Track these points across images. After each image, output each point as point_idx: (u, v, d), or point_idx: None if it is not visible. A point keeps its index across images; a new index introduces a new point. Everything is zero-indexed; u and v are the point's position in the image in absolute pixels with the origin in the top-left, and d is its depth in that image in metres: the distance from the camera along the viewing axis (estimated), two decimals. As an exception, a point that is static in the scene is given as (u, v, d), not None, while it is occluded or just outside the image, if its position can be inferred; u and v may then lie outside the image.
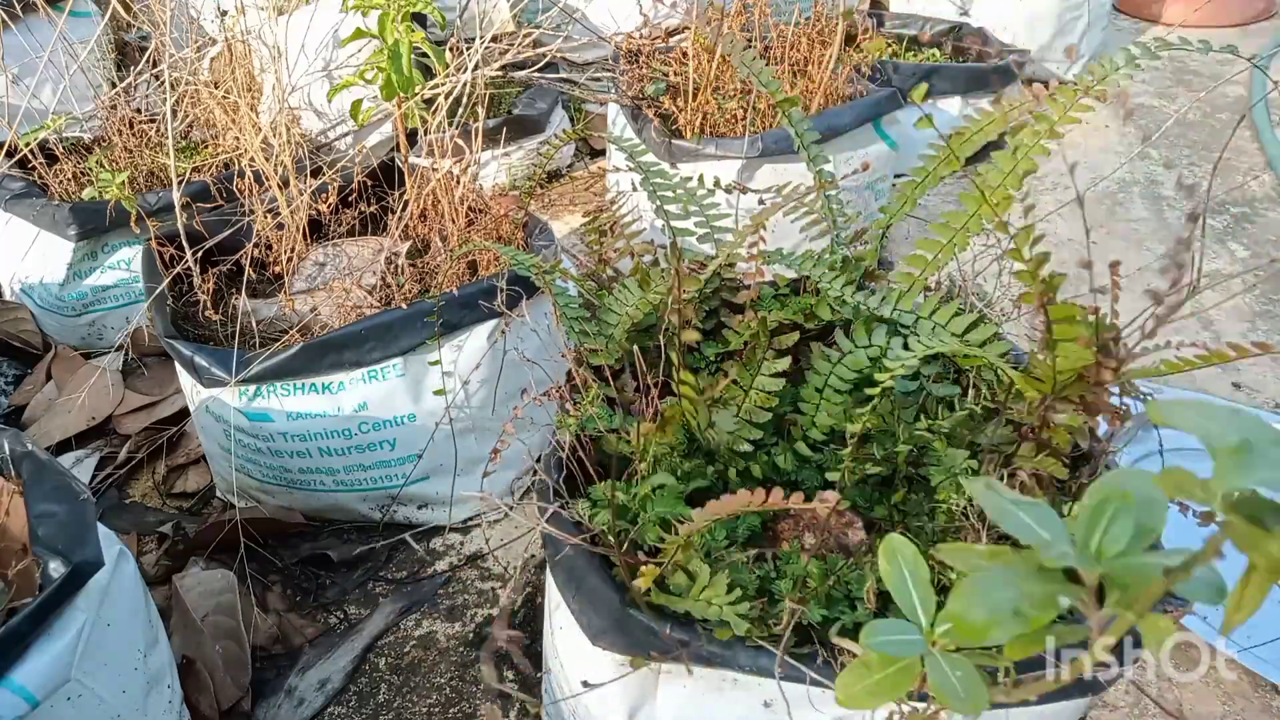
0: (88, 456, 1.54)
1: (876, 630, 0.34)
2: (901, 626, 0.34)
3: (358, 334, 1.22)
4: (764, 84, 1.08)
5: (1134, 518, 0.27)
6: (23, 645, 0.76)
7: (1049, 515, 0.28)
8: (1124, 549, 0.26)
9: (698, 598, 0.72)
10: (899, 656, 0.33)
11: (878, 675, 0.33)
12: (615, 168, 2.04)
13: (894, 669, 0.33)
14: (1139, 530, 0.26)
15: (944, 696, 0.32)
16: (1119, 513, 0.27)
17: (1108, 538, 0.27)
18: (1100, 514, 0.27)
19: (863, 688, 0.34)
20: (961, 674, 0.32)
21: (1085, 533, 0.27)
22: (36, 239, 1.67)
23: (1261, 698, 1.14)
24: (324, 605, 1.31)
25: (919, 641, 0.33)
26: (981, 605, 0.26)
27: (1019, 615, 0.26)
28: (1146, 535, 0.26)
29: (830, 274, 0.89)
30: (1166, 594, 0.73)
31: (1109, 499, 0.27)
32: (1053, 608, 0.26)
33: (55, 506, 0.85)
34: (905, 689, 0.33)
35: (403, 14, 1.29)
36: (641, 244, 1.07)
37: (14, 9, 1.91)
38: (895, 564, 0.36)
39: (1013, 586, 0.26)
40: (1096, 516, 0.27)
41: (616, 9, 2.55)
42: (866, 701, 0.33)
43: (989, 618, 0.26)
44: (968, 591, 0.26)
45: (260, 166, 1.39)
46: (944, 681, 0.32)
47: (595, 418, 0.85)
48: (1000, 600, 0.26)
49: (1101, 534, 0.27)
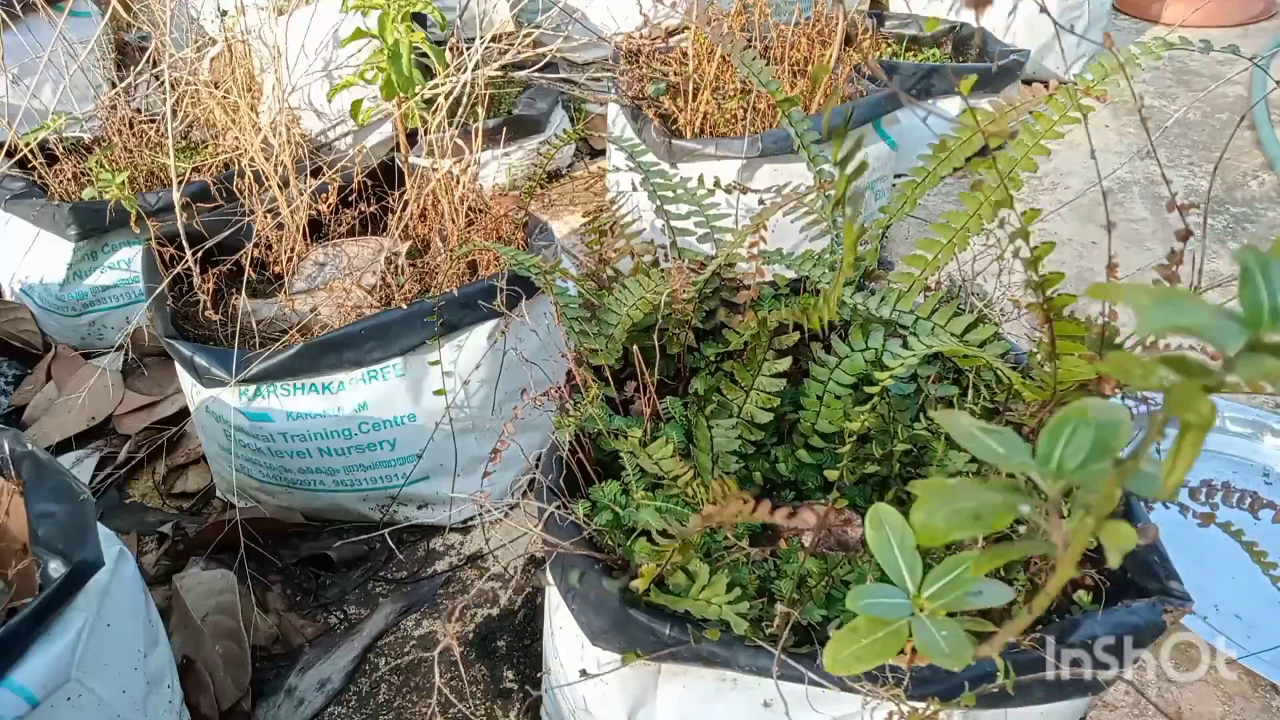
0: (88, 456, 1.54)
1: (864, 594, 0.35)
2: (889, 591, 0.35)
3: (358, 334, 1.22)
4: (764, 84, 1.08)
5: (1092, 433, 0.27)
6: (23, 645, 0.76)
7: (1013, 438, 0.29)
8: (1082, 461, 0.27)
9: (697, 597, 0.72)
10: (887, 620, 0.34)
11: (866, 640, 0.34)
12: (615, 168, 2.05)
13: (882, 633, 0.34)
14: (1097, 444, 0.27)
15: (929, 653, 0.32)
16: (1078, 429, 0.28)
17: (1067, 451, 0.27)
18: (1060, 431, 0.28)
19: (850, 652, 0.34)
20: (947, 632, 0.33)
21: (1046, 448, 0.28)
22: (36, 239, 1.67)
23: (1261, 698, 1.14)
24: (324, 605, 1.31)
25: (905, 605, 0.34)
26: (942, 510, 0.27)
27: (978, 519, 0.26)
28: (1106, 450, 0.27)
29: (830, 274, 0.89)
30: (1163, 593, 0.72)
31: (1069, 417, 0.28)
32: (1011, 512, 0.26)
33: (55, 506, 0.85)
34: (892, 653, 0.34)
35: (403, 14, 1.29)
36: (641, 244, 1.07)
37: (14, 9, 1.91)
38: (882, 531, 0.36)
39: (973, 496, 0.27)
40: (1056, 433, 0.28)
41: (616, 9, 2.55)
42: (854, 665, 0.34)
43: (949, 522, 0.26)
44: (929, 500, 0.27)
45: (260, 166, 1.39)
46: (930, 640, 0.33)
47: (595, 418, 0.85)
48: (961, 507, 0.27)
49: (1061, 448, 0.27)
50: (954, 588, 0.34)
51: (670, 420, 0.91)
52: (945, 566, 0.35)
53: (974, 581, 0.34)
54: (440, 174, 1.41)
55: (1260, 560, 0.74)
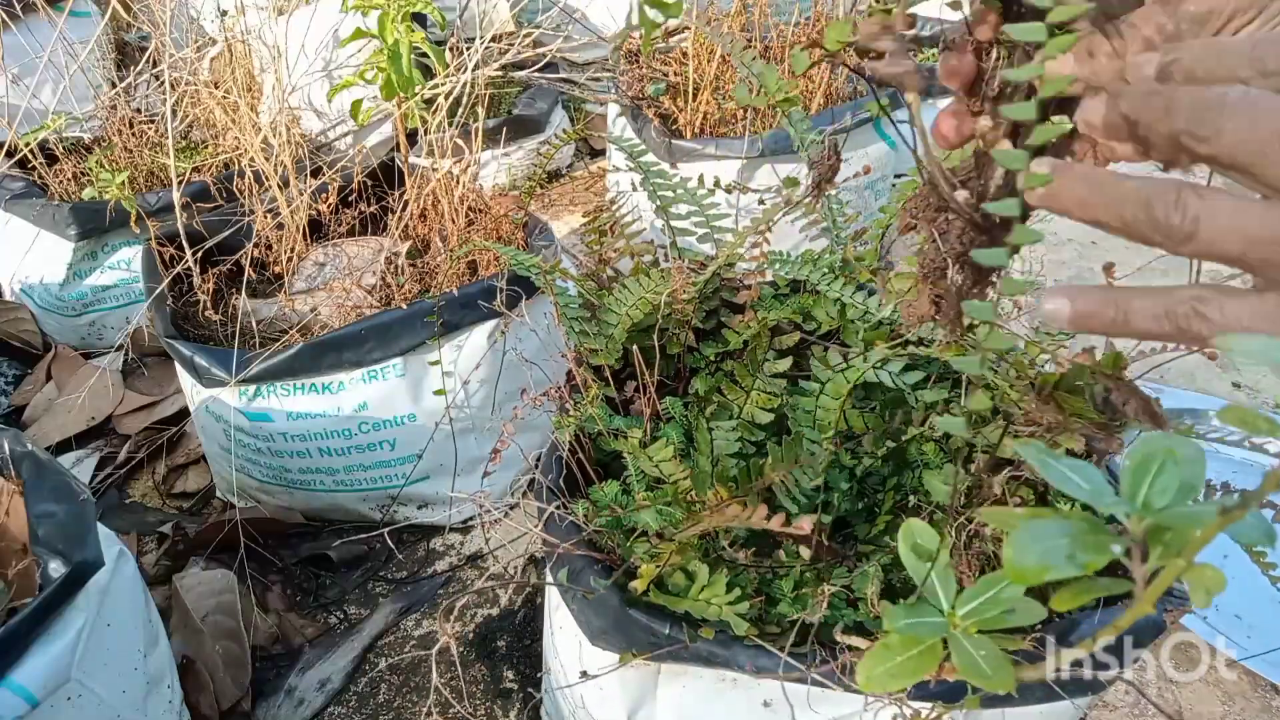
0: (88, 456, 1.54)
1: (900, 613, 0.34)
2: (923, 609, 0.35)
3: (358, 334, 1.22)
4: (765, 84, 1.08)
5: (1179, 472, 0.27)
6: (23, 645, 0.76)
7: (1093, 471, 0.29)
8: (1171, 500, 0.27)
9: (696, 597, 0.72)
10: (921, 638, 0.34)
11: (900, 657, 0.34)
12: (615, 168, 2.05)
13: (917, 651, 0.34)
14: (1184, 484, 0.27)
15: (971, 674, 0.32)
16: (1165, 466, 0.27)
17: (1154, 490, 0.27)
18: (1146, 468, 0.28)
19: (885, 670, 0.34)
20: (986, 653, 0.33)
21: (1131, 485, 0.28)
22: (36, 239, 1.67)
23: (1261, 698, 1.14)
24: (324, 605, 1.31)
25: (941, 623, 0.34)
26: (1034, 550, 0.26)
27: (1072, 559, 0.26)
28: (1190, 490, 0.27)
29: (829, 276, 0.89)
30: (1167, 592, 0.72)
31: (1154, 454, 0.27)
32: (1105, 553, 0.26)
33: (55, 506, 0.85)
34: (927, 671, 0.34)
35: (403, 14, 1.29)
36: (641, 244, 1.07)
37: (14, 9, 1.91)
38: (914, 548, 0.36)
39: (1064, 534, 0.27)
40: (1142, 471, 0.28)
41: (616, 9, 2.55)
42: (889, 684, 0.34)
43: (1041, 562, 0.26)
44: (1020, 538, 0.27)
45: (260, 166, 1.39)
46: (969, 661, 0.32)
47: (595, 418, 0.85)
48: (1053, 546, 0.26)
49: (1148, 487, 0.27)
50: (990, 606, 0.34)
51: (670, 420, 0.91)
52: (982, 585, 0.34)
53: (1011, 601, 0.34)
54: (440, 174, 1.42)
55: (1260, 560, 0.74)
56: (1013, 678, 0.32)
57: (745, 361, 0.90)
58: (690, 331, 0.96)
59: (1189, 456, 0.27)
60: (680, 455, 0.83)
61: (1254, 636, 1.18)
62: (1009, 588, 0.34)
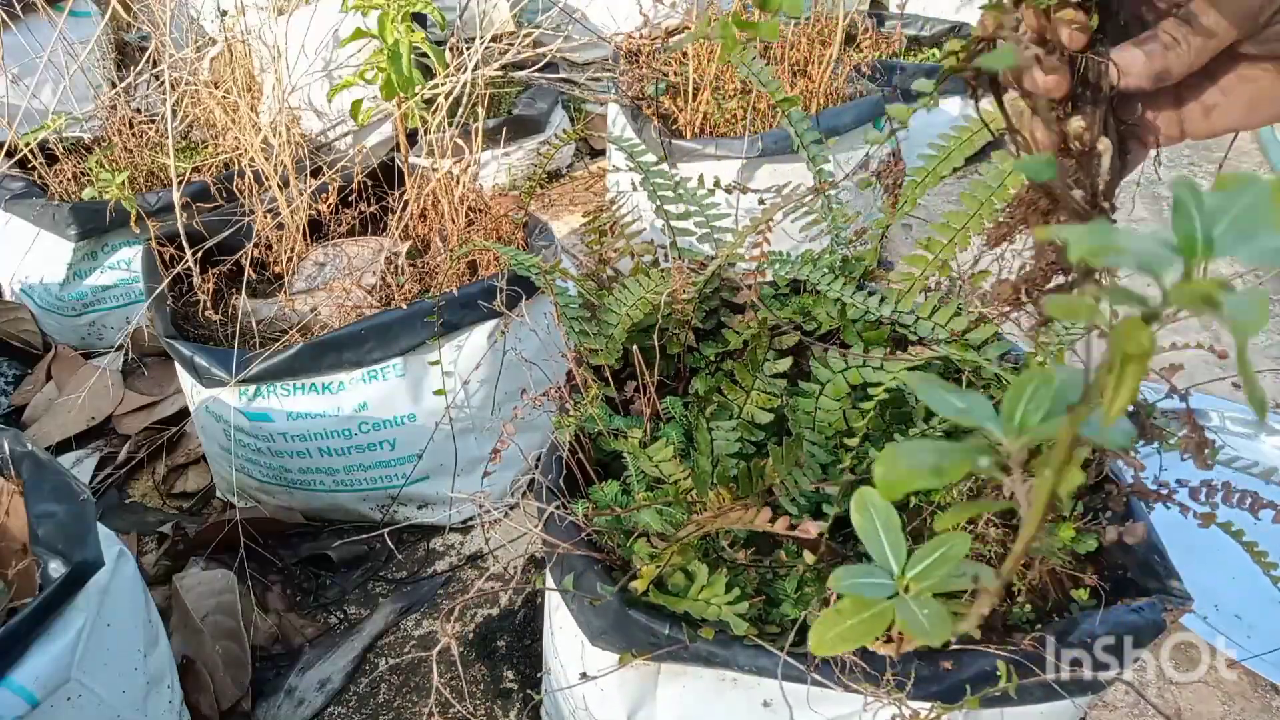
0: (88, 456, 1.54)
1: (848, 574, 0.35)
2: (872, 571, 0.35)
3: (358, 334, 1.22)
4: (764, 84, 1.08)
5: (1053, 392, 0.28)
6: (23, 645, 0.76)
7: (979, 399, 0.30)
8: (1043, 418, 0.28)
9: (696, 597, 0.72)
10: (871, 601, 0.34)
11: (850, 620, 0.35)
12: (615, 168, 2.04)
13: (867, 614, 0.35)
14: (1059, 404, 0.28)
15: (912, 630, 0.33)
16: (1040, 388, 0.28)
17: (1029, 408, 0.28)
18: (1022, 390, 0.29)
19: (835, 633, 0.35)
20: (929, 611, 0.34)
21: (1009, 407, 0.29)
22: (36, 239, 1.67)
23: (1261, 698, 1.14)
24: (324, 605, 1.31)
25: (889, 585, 0.35)
26: (903, 462, 0.28)
27: (937, 471, 0.27)
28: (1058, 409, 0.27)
29: (829, 276, 0.89)
30: (1163, 592, 0.72)
31: (1029, 380, 0.29)
32: (969, 463, 0.27)
33: (55, 506, 0.85)
34: (876, 633, 0.34)
35: (403, 14, 1.29)
36: (641, 244, 1.07)
37: (14, 9, 1.91)
38: (866, 513, 0.37)
39: (934, 451, 0.28)
40: (1018, 392, 0.29)
41: (616, 9, 2.55)
42: (838, 645, 0.34)
43: (908, 473, 0.27)
44: (890, 454, 0.28)
45: (260, 166, 1.39)
46: (911, 618, 0.34)
47: (595, 418, 0.85)
48: (920, 460, 0.28)
49: (1024, 407, 0.28)
50: (938, 567, 0.35)
51: (670, 420, 0.91)
52: (929, 547, 0.35)
53: (958, 562, 0.35)
54: (440, 174, 1.41)
55: (1260, 560, 0.74)
56: (949, 629, 0.33)
57: (745, 361, 0.90)
58: (690, 331, 0.96)
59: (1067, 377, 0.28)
60: (680, 455, 0.83)
61: (1254, 636, 1.18)
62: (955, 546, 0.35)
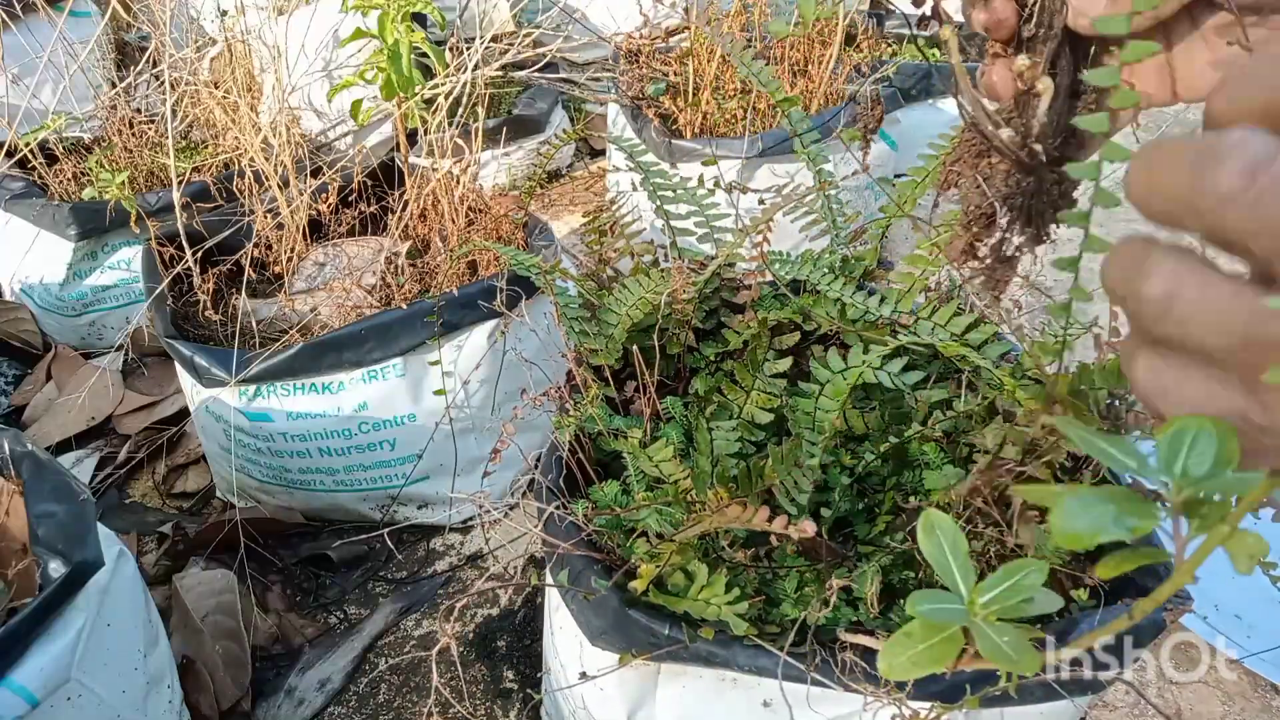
0: (88, 456, 1.54)
1: (922, 599, 0.35)
2: (944, 596, 0.35)
3: (358, 334, 1.22)
4: (764, 84, 1.08)
5: (1214, 443, 0.27)
6: (23, 645, 0.76)
7: (1129, 445, 0.29)
8: (1209, 470, 0.27)
9: (695, 597, 0.72)
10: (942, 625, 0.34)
11: (921, 645, 0.34)
12: (615, 168, 2.05)
13: (938, 638, 0.34)
14: (1220, 455, 0.27)
15: (995, 658, 0.33)
16: (1199, 437, 0.27)
17: (1191, 461, 0.27)
18: (1180, 441, 0.28)
19: (907, 658, 0.34)
20: (1009, 638, 0.33)
21: (1167, 456, 0.28)
22: (36, 239, 1.67)
23: (1261, 697, 1.14)
24: (324, 605, 1.31)
25: (961, 610, 0.34)
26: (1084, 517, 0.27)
27: (1120, 524, 0.27)
28: (1227, 461, 0.27)
29: (829, 276, 0.89)
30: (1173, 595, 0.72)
31: (1187, 427, 0.28)
32: (1152, 518, 0.27)
33: (55, 506, 0.85)
34: (948, 658, 0.34)
35: (403, 14, 1.29)
36: (641, 244, 1.07)
37: (14, 9, 1.91)
38: (934, 537, 0.36)
39: (1110, 502, 0.27)
40: (1176, 443, 0.28)
41: (616, 9, 2.55)
42: (911, 671, 0.34)
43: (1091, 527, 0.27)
44: (1069, 505, 0.27)
45: (260, 166, 1.39)
46: (993, 646, 0.33)
47: (595, 418, 0.85)
48: (1101, 512, 0.27)
49: (1184, 459, 0.28)
50: (1011, 594, 0.34)
51: (670, 420, 0.91)
52: (1003, 574, 0.35)
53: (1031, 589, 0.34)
54: (440, 174, 1.41)
55: (1260, 560, 0.74)
56: (1038, 660, 0.32)
57: (745, 361, 0.90)
58: (690, 331, 0.96)
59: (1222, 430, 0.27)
60: (680, 455, 0.84)
61: (1254, 636, 1.18)
62: (1031, 575, 0.34)
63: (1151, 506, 0.27)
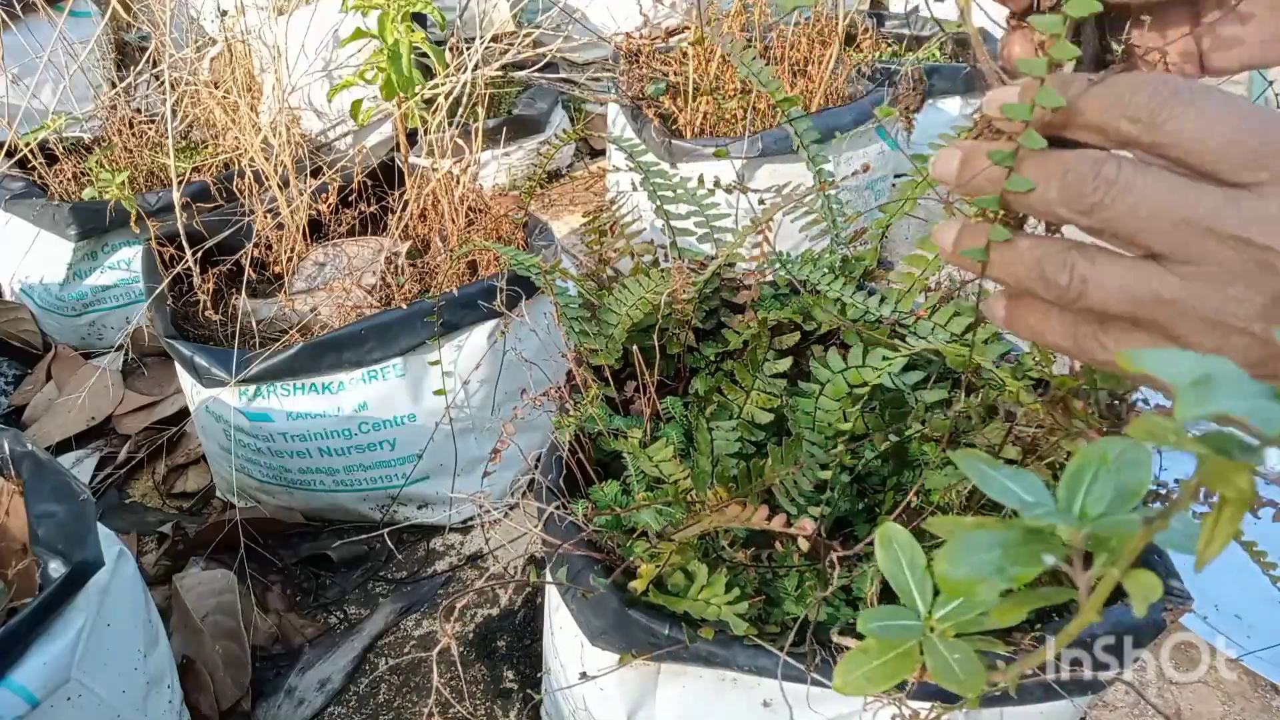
0: (88, 456, 1.54)
1: (874, 616, 0.34)
2: (899, 612, 0.34)
3: (358, 334, 1.22)
4: (764, 84, 1.08)
5: (1114, 478, 0.27)
6: (23, 645, 0.76)
7: (1034, 481, 0.29)
8: (1105, 508, 0.27)
9: (696, 597, 0.72)
10: (898, 642, 0.33)
11: (876, 661, 0.34)
12: (615, 168, 2.05)
13: (893, 654, 0.33)
14: (1120, 490, 0.27)
15: (942, 678, 0.32)
16: (1099, 474, 0.27)
17: (1090, 498, 0.27)
18: (1080, 477, 0.28)
19: (861, 674, 0.34)
20: (960, 656, 0.32)
21: (1067, 495, 0.27)
22: (36, 239, 1.67)
23: (1261, 698, 1.14)
24: (324, 605, 1.31)
25: (917, 626, 0.34)
26: (965, 563, 0.26)
27: (1002, 572, 0.26)
28: (1130, 496, 0.27)
29: (829, 276, 0.89)
30: (1165, 590, 0.72)
31: (1088, 462, 0.27)
32: (1036, 564, 0.26)
33: (55, 506, 0.85)
34: (903, 674, 0.33)
35: (403, 14, 1.29)
36: (641, 244, 1.07)
37: (14, 9, 1.91)
38: (891, 551, 0.36)
39: (996, 547, 0.27)
40: (1077, 479, 0.28)
41: (616, 9, 2.55)
42: (864, 687, 0.33)
43: (972, 576, 0.26)
44: (951, 551, 0.27)
45: (260, 166, 1.39)
46: (942, 664, 0.32)
47: (595, 418, 0.85)
48: (984, 560, 0.26)
49: (1084, 495, 0.27)
50: (966, 609, 0.34)
51: (670, 420, 0.91)
52: None
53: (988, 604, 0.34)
54: (440, 174, 1.42)
55: (1260, 560, 0.74)
56: (983, 680, 0.32)
57: (745, 361, 0.90)
58: (690, 331, 0.96)
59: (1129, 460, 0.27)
60: (680, 455, 0.84)
61: (1254, 636, 1.19)
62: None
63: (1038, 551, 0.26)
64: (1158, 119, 0.33)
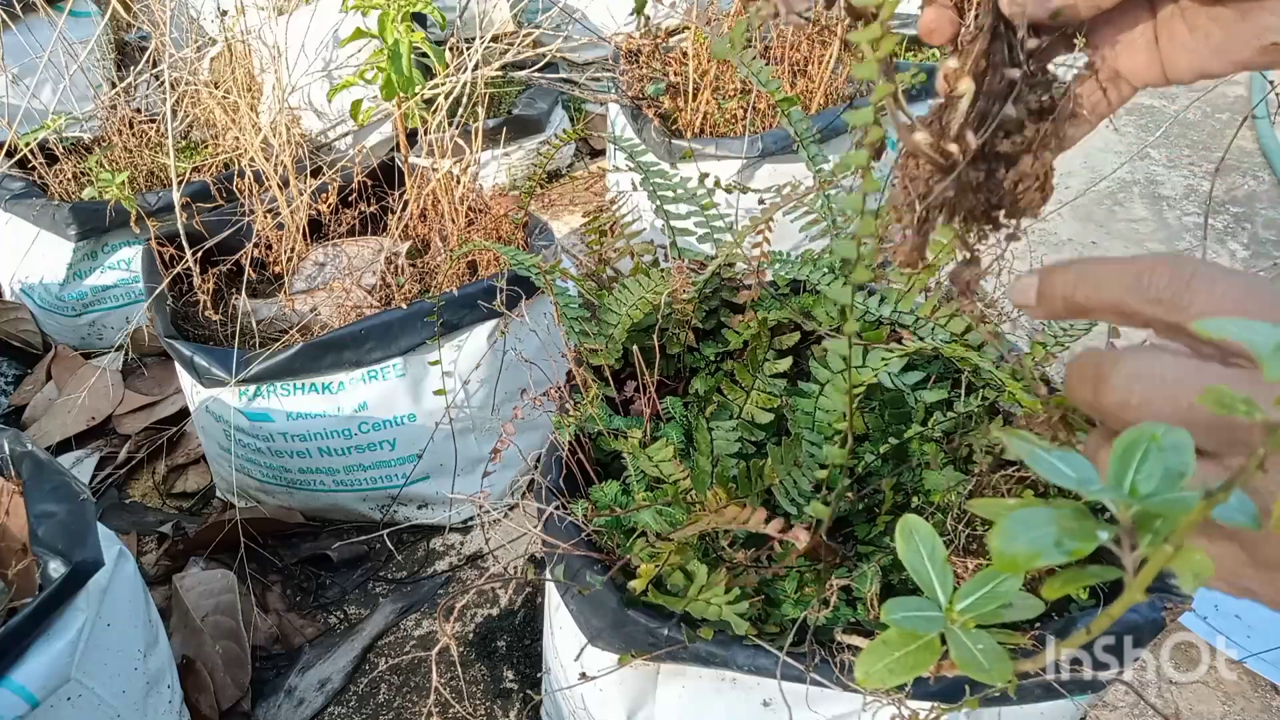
0: (88, 456, 1.54)
1: (897, 606, 0.34)
2: (921, 603, 0.34)
3: (358, 334, 1.22)
4: (763, 84, 1.08)
5: (1164, 458, 0.27)
6: (23, 645, 0.76)
7: (1080, 460, 0.29)
8: (1156, 486, 0.27)
9: (696, 597, 0.72)
10: (919, 633, 0.34)
11: (898, 653, 0.34)
12: (615, 168, 2.04)
13: (915, 646, 0.34)
14: (1169, 470, 0.27)
15: (968, 667, 0.32)
16: (1149, 453, 0.27)
17: (1139, 476, 0.27)
18: (1130, 456, 0.28)
19: (884, 665, 0.34)
20: (984, 646, 0.33)
21: (1117, 473, 0.27)
22: (36, 239, 1.67)
23: (1261, 698, 1.14)
24: (324, 605, 1.31)
25: (939, 618, 0.34)
26: (1022, 538, 0.26)
27: (1060, 546, 0.26)
28: (1177, 475, 0.27)
29: (829, 276, 0.89)
30: (1163, 590, 0.72)
31: (1137, 441, 0.28)
32: (1092, 539, 0.26)
33: (55, 506, 0.85)
34: (925, 666, 0.33)
35: (403, 14, 1.29)
36: (641, 244, 1.07)
37: (14, 9, 1.91)
38: (912, 543, 0.35)
39: (1052, 522, 0.27)
40: (1127, 458, 0.28)
41: (616, 9, 2.55)
42: (887, 679, 0.33)
43: (1030, 549, 0.26)
44: (1008, 527, 0.27)
45: (260, 166, 1.39)
46: (967, 654, 0.32)
47: (595, 418, 0.85)
48: (1041, 534, 0.27)
49: (1133, 474, 0.27)
50: (988, 601, 0.34)
51: (670, 420, 0.91)
52: (979, 579, 0.34)
53: (1008, 595, 0.34)
54: (440, 174, 1.41)
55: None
56: (1010, 669, 0.32)
57: (745, 361, 0.90)
58: (690, 331, 0.96)
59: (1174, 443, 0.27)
60: (680, 455, 0.84)
61: (1254, 636, 1.18)
62: (1006, 581, 0.34)
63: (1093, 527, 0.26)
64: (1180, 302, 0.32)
